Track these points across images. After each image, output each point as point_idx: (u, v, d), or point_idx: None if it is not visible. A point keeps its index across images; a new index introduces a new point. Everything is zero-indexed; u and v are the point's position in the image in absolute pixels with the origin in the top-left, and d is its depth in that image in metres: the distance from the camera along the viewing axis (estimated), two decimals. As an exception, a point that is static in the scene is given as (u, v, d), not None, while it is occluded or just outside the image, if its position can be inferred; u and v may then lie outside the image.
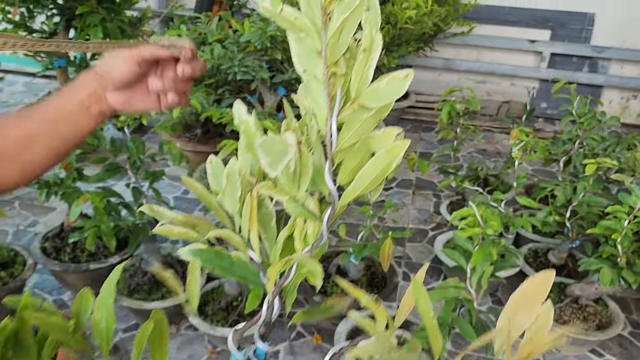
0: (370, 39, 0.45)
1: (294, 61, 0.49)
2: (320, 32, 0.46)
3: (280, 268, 0.52)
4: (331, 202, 0.49)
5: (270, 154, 0.41)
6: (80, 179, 1.79)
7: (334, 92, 0.47)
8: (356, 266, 1.73)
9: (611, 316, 1.76)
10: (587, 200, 1.87)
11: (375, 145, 0.50)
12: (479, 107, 2.13)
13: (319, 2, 0.46)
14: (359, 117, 0.48)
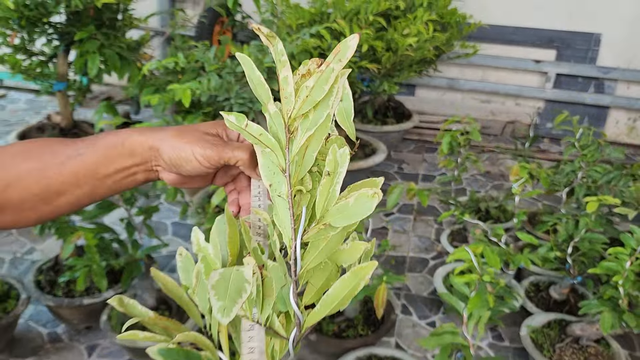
0: (334, 163, 0.43)
1: (260, 173, 0.47)
2: (284, 154, 0.43)
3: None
4: (297, 323, 0.46)
5: (223, 297, 0.39)
6: (75, 213, 1.78)
7: (299, 210, 0.45)
8: (352, 304, 1.71)
9: (613, 357, 1.71)
10: (588, 236, 1.83)
11: (343, 260, 0.47)
12: (479, 139, 2.10)
13: (281, 118, 0.44)
14: (325, 235, 0.45)
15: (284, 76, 0.43)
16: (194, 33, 3.25)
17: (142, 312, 0.58)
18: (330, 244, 0.46)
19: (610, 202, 1.76)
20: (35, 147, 0.63)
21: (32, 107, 3.87)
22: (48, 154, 0.62)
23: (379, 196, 0.44)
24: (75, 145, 0.62)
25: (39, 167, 0.60)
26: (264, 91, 0.45)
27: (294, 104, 0.43)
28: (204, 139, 0.57)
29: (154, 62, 2.08)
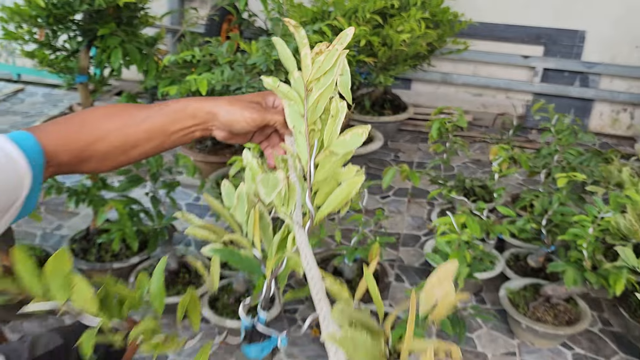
0: (337, 109, 0.66)
1: (286, 119, 0.70)
2: (303, 103, 0.67)
3: (275, 261, 0.73)
4: (310, 217, 0.70)
5: (266, 187, 0.62)
6: (104, 188, 2.01)
7: (312, 142, 0.68)
8: (350, 267, 1.94)
9: (580, 314, 1.95)
10: (560, 210, 2.06)
11: (341, 178, 0.71)
12: (466, 125, 2.33)
13: (302, 81, 0.67)
14: (330, 160, 0.68)
15: (304, 53, 0.66)
16: (204, 30, 3.49)
17: (198, 222, 0.81)
18: (333, 166, 0.69)
19: (579, 178, 1.99)
20: (117, 110, 0.85)
21: (49, 100, 4.10)
22: (127, 116, 0.84)
23: (366, 134, 0.67)
24: (148, 109, 0.84)
25: (120, 126, 0.80)
26: (291, 63, 0.68)
27: (310, 72, 0.66)
28: (250, 105, 0.78)
29: (173, 56, 2.30)
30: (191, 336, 0.79)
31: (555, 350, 1.96)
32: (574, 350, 1.97)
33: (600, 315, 2.17)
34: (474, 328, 2.05)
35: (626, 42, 3.76)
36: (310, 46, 2.05)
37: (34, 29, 2.74)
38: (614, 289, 1.71)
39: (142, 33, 2.85)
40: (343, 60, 0.69)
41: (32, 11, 2.50)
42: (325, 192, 0.70)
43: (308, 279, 0.63)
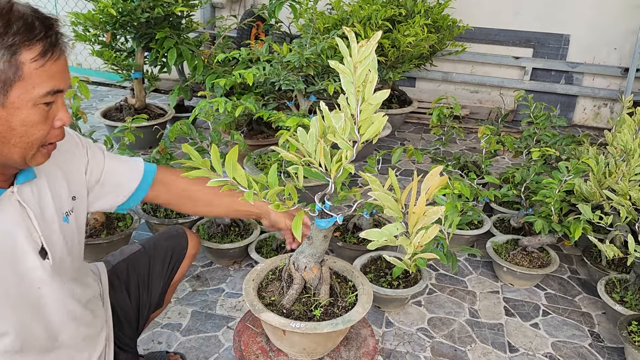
0: (370, 79, 1.17)
1: (342, 86, 1.21)
2: (353, 75, 1.18)
3: (335, 170, 1.23)
4: (356, 141, 1.20)
5: (332, 123, 1.13)
6: (171, 160, 2.53)
7: (358, 97, 1.19)
8: (367, 221, 2.45)
9: (550, 260, 2.44)
10: (536, 178, 2.56)
11: (374, 119, 1.21)
12: (460, 112, 2.83)
13: (352, 62, 1.18)
14: (367, 108, 1.19)
15: (353, 45, 1.17)
16: (236, 34, 4.01)
17: (286, 153, 1.32)
18: (370, 111, 1.20)
19: (550, 152, 2.49)
20: (222, 193, 1.44)
21: (96, 96, 4.63)
22: (227, 196, 1.47)
23: (387, 94, 1.18)
24: (233, 196, 1.46)
25: (212, 197, 1.47)
26: (344, 51, 1.19)
27: (357, 55, 1.17)
28: (289, 216, 1.44)
29: (224, 54, 2.80)
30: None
31: (531, 290, 2.45)
32: (546, 291, 2.46)
33: (569, 267, 2.66)
34: (465, 274, 2.55)
35: (604, 45, 4.26)
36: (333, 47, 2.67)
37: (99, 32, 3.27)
38: (573, 235, 2.20)
39: (188, 36, 3.38)
40: (373, 51, 1.20)
41: (102, 18, 3.03)
42: (366, 127, 1.21)
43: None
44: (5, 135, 0.91)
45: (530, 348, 2.04)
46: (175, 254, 1.53)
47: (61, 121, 0.97)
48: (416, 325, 2.14)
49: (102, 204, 1.28)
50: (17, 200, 1.02)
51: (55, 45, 0.91)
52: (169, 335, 2.00)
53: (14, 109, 0.89)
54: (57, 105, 0.96)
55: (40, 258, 1.05)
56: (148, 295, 1.50)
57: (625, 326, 1.96)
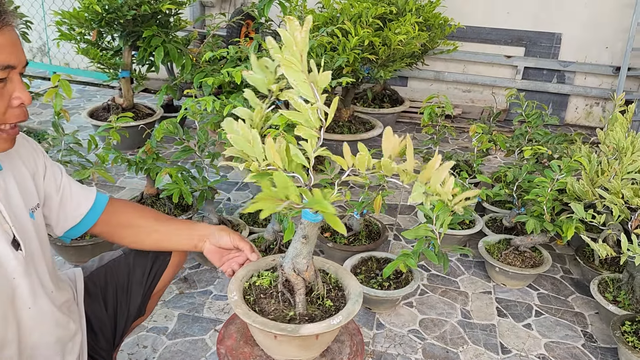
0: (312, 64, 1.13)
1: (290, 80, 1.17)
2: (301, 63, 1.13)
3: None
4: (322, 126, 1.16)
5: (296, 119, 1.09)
6: (158, 160, 2.48)
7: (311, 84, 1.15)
8: (358, 222, 2.41)
9: (543, 259, 2.41)
10: (528, 177, 2.53)
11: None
12: (452, 110, 2.80)
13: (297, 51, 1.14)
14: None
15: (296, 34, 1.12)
16: (225, 33, 3.96)
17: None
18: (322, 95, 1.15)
19: (543, 150, 2.46)
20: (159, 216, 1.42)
21: (84, 96, 4.56)
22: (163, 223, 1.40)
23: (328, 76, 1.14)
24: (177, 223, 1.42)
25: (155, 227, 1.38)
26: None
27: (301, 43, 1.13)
28: (234, 233, 1.36)
29: (211, 52, 2.75)
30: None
31: (524, 290, 2.42)
32: (539, 291, 2.43)
33: (562, 266, 2.63)
34: (457, 274, 2.51)
35: (596, 44, 4.25)
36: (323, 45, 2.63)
37: (85, 31, 3.21)
38: (566, 234, 2.17)
39: (178, 35, 3.33)
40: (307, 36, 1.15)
41: (88, 15, 2.98)
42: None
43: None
44: None
45: (522, 349, 2.01)
46: (157, 262, 1.45)
47: (19, 99, 0.94)
48: (407, 327, 2.10)
49: (53, 220, 1.24)
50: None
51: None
52: (154, 339, 1.95)
53: None
54: (12, 84, 0.93)
55: (13, 249, 1.03)
56: (127, 304, 1.43)
57: (619, 326, 1.93)
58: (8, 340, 1.05)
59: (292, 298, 1.31)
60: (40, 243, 1.12)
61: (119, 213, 1.34)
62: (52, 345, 1.16)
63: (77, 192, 1.26)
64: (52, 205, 1.22)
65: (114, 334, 1.43)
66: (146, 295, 1.47)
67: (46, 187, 1.19)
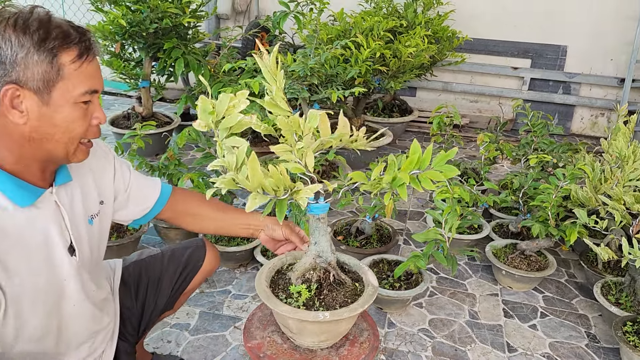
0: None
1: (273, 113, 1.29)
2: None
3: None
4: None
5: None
6: (179, 165, 2.60)
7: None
8: (370, 226, 2.52)
9: (548, 263, 2.51)
10: (533, 184, 2.63)
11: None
12: (460, 120, 2.91)
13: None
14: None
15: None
16: (241, 45, 4.10)
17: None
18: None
19: (547, 159, 2.57)
20: (221, 206, 1.55)
21: (103, 105, 4.70)
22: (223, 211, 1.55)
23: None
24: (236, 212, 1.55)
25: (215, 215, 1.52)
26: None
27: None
28: (285, 226, 1.49)
29: (230, 64, 2.89)
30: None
31: (529, 293, 2.51)
32: (544, 294, 2.52)
33: (567, 271, 2.72)
34: (465, 277, 2.61)
35: (601, 56, 4.35)
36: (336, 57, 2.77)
37: (109, 43, 3.36)
38: (569, 239, 2.27)
39: (195, 46, 3.47)
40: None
41: (113, 28, 3.12)
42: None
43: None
44: (49, 132, 1.02)
45: (528, 348, 2.10)
46: (190, 265, 1.58)
47: (97, 119, 1.08)
48: (417, 326, 2.20)
49: (123, 214, 1.39)
50: (54, 200, 1.11)
51: (89, 49, 1.02)
52: (177, 334, 2.06)
53: (56, 106, 1.00)
54: (93, 105, 1.06)
55: (69, 254, 1.14)
56: (154, 299, 1.56)
57: (621, 327, 2.02)
58: (50, 332, 1.17)
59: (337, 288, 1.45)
60: (92, 249, 1.23)
61: (182, 202, 1.48)
62: (86, 335, 1.28)
63: (143, 186, 1.40)
64: (121, 200, 1.35)
65: (139, 323, 1.56)
66: (175, 294, 1.60)
67: (116, 187, 1.32)
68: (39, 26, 0.96)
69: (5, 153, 1.02)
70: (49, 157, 1.06)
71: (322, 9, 2.81)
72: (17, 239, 1.02)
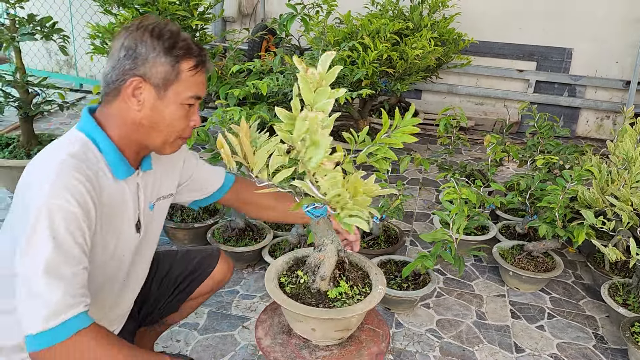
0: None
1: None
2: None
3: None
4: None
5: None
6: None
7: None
8: (378, 226, 2.53)
9: (555, 264, 2.51)
10: (540, 185, 2.64)
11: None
12: (467, 122, 2.92)
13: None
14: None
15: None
16: (247, 47, 4.12)
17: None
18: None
19: (555, 160, 2.57)
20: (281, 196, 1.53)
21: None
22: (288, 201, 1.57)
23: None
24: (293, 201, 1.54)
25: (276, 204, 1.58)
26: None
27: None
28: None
29: (238, 66, 2.90)
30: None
31: (536, 294, 2.52)
32: (551, 295, 2.53)
33: (574, 272, 2.73)
34: (472, 278, 2.62)
35: (606, 59, 4.36)
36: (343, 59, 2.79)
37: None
38: (577, 239, 2.27)
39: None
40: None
41: (108, 26, 3.13)
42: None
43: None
44: (157, 122, 1.18)
45: (536, 349, 2.11)
46: (199, 269, 1.63)
47: (194, 122, 1.23)
48: (425, 327, 2.20)
49: (186, 197, 1.53)
50: (137, 182, 1.26)
51: (204, 62, 1.20)
52: (186, 334, 2.07)
53: (168, 103, 1.17)
54: (194, 109, 1.22)
55: (136, 230, 1.28)
56: (155, 296, 1.59)
57: (628, 327, 2.02)
58: (120, 301, 1.34)
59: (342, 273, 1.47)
60: (150, 231, 1.36)
61: (243, 191, 1.59)
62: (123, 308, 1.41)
63: (207, 176, 1.53)
64: (184, 187, 1.49)
65: (138, 314, 1.59)
66: (178, 295, 1.63)
67: (183, 173, 1.46)
68: (170, 36, 1.15)
69: (116, 131, 1.18)
70: (147, 144, 1.21)
71: (330, 11, 2.83)
72: (109, 206, 1.16)
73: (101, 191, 1.13)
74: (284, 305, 1.37)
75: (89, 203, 1.08)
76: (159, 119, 1.17)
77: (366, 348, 1.51)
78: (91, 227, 1.10)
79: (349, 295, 1.46)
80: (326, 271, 1.46)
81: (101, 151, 1.17)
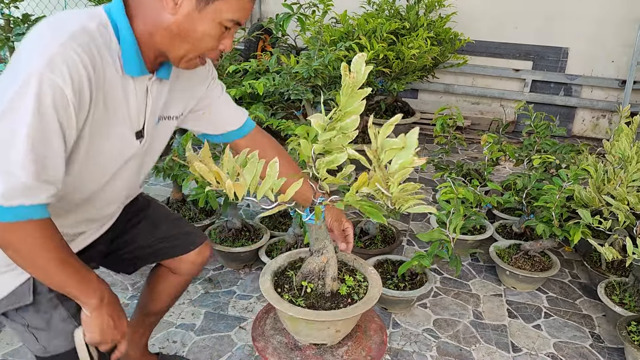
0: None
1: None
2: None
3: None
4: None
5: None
6: (184, 167, 2.61)
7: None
8: (374, 226, 2.52)
9: (551, 263, 2.52)
10: (536, 185, 2.64)
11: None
12: (463, 121, 2.92)
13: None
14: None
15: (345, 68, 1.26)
16: (243, 46, 4.12)
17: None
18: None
19: (551, 159, 2.58)
20: (294, 167, 1.52)
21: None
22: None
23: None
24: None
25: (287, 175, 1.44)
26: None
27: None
28: (338, 219, 1.50)
29: (235, 65, 2.89)
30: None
31: (533, 293, 2.52)
32: (548, 294, 2.53)
33: (570, 271, 2.73)
34: (469, 277, 2.62)
35: (602, 58, 4.37)
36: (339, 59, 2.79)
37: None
38: (573, 239, 2.28)
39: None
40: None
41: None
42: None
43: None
44: (188, 33, 1.10)
45: (532, 348, 2.11)
46: (180, 239, 1.54)
47: (224, 46, 1.16)
48: (422, 326, 2.20)
49: (193, 125, 1.43)
50: (147, 86, 1.18)
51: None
52: (183, 334, 2.07)
53: (204, 18, 1.09)
54: (228, 33, 1.15)
55: (136, 137, 1.21)
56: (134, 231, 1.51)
57: (625, 326, 2.02)
58: (103, 205, 1.28)
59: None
60: (153, 146, 1.30)
61: (258, 144, 1.46)
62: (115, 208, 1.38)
63: (228, 110, 1.45)
64: (198, 114, 1.40)
65: (111, 242, 1.48)
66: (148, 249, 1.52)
67: (200, 100, 1.38)
68: None
69: (142, 26, 1.11)
70: (168, 51, 1.13)
71: (326, 11, 2.82)
72: (110, 98, 1.10)
73: (104, 79, 1.06)
74: (280, 307, 1.37)
75: (85, 89, 1.02)
76: (190, 30, 1.10)
77: (364, 348, 1.51)
78: (80, 115, 1.03)
79: (354, 289, 1.47)
80: (334, 271, 1.46)
81: (119, 39, 1.09)
